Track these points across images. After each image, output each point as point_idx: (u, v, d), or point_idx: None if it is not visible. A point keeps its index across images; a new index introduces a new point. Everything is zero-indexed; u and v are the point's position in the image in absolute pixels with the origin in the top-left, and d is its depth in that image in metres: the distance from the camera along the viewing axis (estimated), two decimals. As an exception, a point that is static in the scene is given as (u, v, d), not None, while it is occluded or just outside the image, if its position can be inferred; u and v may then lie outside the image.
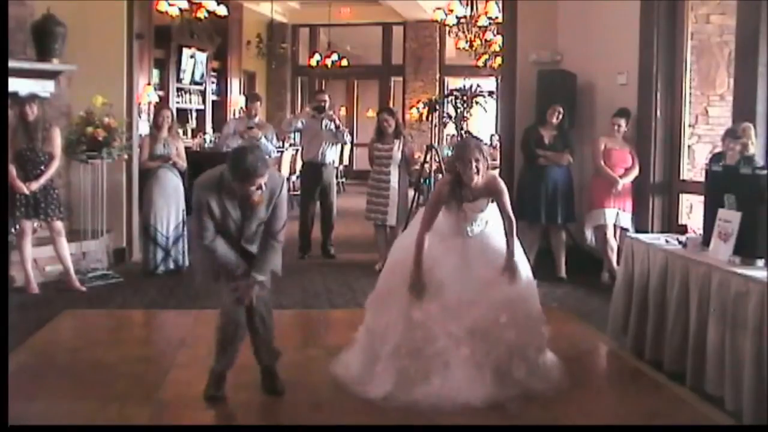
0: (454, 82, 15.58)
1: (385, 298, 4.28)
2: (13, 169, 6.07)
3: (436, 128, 14.35)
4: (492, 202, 4.28)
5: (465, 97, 10.63)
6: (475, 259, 4.23)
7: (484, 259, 4.25)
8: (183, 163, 7.20)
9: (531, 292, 4.34)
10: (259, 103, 8.25)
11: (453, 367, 3.94)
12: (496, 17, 11.17)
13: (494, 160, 10.48)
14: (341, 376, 4.25)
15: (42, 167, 6.23)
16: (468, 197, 4.22)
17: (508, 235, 4.27)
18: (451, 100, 10.98)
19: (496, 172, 9.07)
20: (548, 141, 7.10)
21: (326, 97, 8.22)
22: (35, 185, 6.16)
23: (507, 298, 4.15)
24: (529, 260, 4.54)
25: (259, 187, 3.72)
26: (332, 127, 8.00)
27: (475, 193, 4.22)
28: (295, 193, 11.25)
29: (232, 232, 3.88)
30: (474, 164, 4.09)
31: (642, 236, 5.12)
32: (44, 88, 6.71)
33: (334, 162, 8.37)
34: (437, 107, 10.43)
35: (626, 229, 6.57)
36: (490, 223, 4.37)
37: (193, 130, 13.80)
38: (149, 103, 11.18)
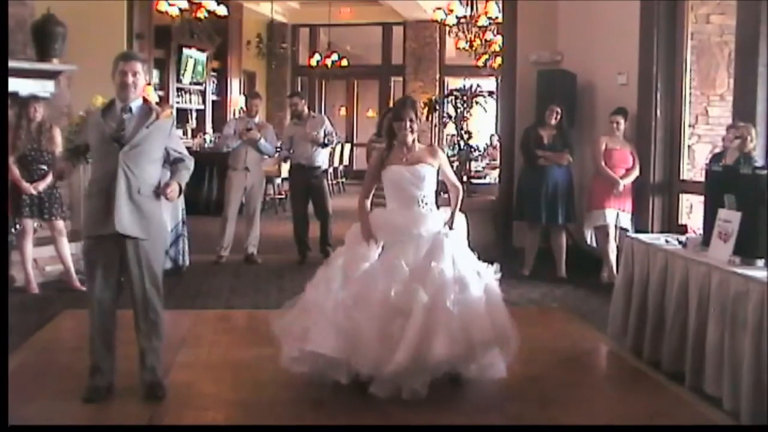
0: (454, 82, 15.55)
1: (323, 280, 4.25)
2: (15, 170, 6.08)
3: (436, 128, 14.36)
4: (432, 166, 4.31)
5: (465, 97, 10.61)
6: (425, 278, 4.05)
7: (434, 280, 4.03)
8: None
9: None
10: (259, 100, 8.23)
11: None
12: (496, 17, 11.17)
13: (494, 160, 10.51)
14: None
15: (45, 167, 6.23)
16: (404, 159, 4.30)
17: (453, 202, 4.44)
18: (451, 100, 10.95)
19: (496, 171, 9.09)
20: (548, 141, 7.09)
21: (296, 101, 8.18)
22: (42, 185, 6.17)
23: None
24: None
25: (135, 74, 3.89)
26: (319, 134, 7.88)
27: (413, 155, 4.32)
28: (280, 196, 11.20)
29: (110, 148, 3.87)
30: (408, 123, 4.30)
31: (642, 236, 5.11)
32: (44, 88, 6.70)
33: (323, 164, 8.28)
34: (437, 107, 10.42)
35: (626, 230, 6.57)
36: (452, 231, 4.27)
37: (193, 130, 13.81)
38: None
